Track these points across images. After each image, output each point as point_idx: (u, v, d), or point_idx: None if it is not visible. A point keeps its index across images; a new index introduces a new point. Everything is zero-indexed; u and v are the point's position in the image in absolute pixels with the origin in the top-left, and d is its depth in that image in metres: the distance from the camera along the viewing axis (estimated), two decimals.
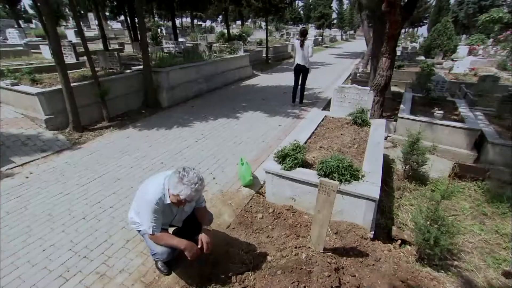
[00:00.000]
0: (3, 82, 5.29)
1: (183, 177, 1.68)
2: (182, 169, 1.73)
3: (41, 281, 2.15)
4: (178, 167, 1.76)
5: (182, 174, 1.69)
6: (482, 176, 3.73)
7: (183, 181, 1.68)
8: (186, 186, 1.68)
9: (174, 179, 1.69)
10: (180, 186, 1.68)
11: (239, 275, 2.17)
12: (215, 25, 38.92)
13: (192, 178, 1.70)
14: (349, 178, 2.57)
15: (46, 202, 3.08)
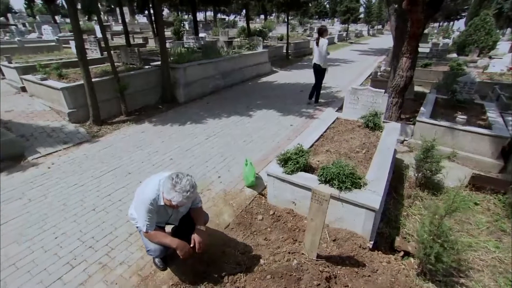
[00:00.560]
0: (35, 76, 5.70)
1: (175, 184, 1.74)
2: (176, 175, 1.77)
3: (51, 266, 2.34)
4: (172, 173, 1.80)
5: (175, 181, 1.75)
6: (502, 189, 3.47)
7: (175, 188, 1.73)
8: (178, 194, 1.73)
9: (168, 185, 1.75)
10: (172, 193, 1.74)
11: (231, 275, 2.22)
12: (239, 19, 38.85)
13: (184, 186, 1.74)
14: (349, 186, 2.50)
15: (63, 192, 3.32)
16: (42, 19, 20.77)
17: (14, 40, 9.80)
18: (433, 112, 5.31)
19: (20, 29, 12.97)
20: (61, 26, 20.00)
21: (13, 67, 6.45)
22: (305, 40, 16.12)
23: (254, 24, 31.22)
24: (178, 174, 1.79)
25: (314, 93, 6.79)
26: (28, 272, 2.31)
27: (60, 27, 17.85)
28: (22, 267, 2.36)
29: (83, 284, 2.18)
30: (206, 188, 3.41)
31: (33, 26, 16.68)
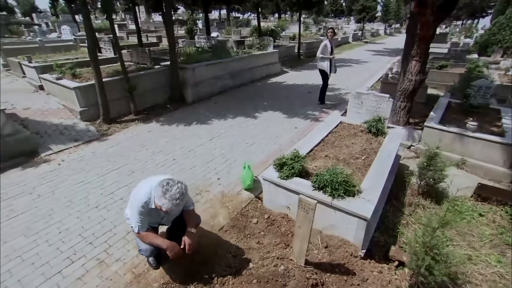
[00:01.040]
0: (51, 76, 5.98)
1: (166, 192, 1.80)
2: (166, 183, 1.83)
3: (53, 260, 2.48)
4: (163, 180, 1.86)
5: (165, 189, 1.81)
6: (510, 200, 3.33)
7: (165, 195, 1.80)
8: (168, 201, 1.80)
9: (158, 192, 1.82)
10: (162, 200, 1.81)
11: (221, 277, 2.27)
12: (253, 18, 38.82)
13: (174, 194, 1.81)
14: (342, 194, 2.49)
15: (70, 189, 3.49)
16: (64, 18, 21.56)
17: (35, 40, 10.28)
18: (444, 117, 5.16)
19: (42, 29, 13.58)
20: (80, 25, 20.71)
21: (33, 67, 6.79)
22: (318, 39, 15.90)
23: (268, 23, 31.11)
24: (168, 182, 1.84)
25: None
26: (32, 264, 2.46)
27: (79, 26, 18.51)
28: (27, 259, 2.51)
29: (81, 279, 2.30)
30: (205, 189, 3.49)
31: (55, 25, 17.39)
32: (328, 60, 6.16)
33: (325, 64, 6.23)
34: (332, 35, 6.06)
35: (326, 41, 6.10)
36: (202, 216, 2.99)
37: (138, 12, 26.83)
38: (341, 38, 19.87)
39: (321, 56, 6.20)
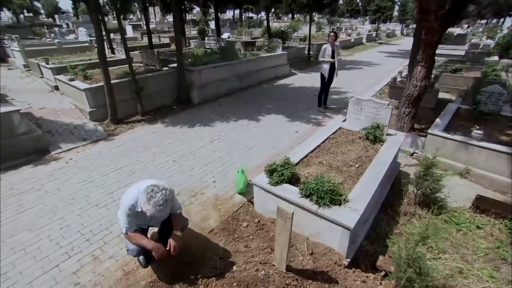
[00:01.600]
0: (65, 77, 6.29)
1: (150, 199, 1.91)
2: (151, 189, 1.93)
3: (52, 254, 2.66)
4: (149, 186, 1.96)
5: (150, 195, 1.91)
6: (509, 214, 3.24)
7: (149, 202, 1.91)
8: (152, 207, 1.91)
9: (143, 197, 1.93)
10: (147, 205, 1.92)
11: (205, 278, 2.37)
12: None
13: (157, 200, 1.91)
14: (328, 203, 2.52)
15: (74, 187, 3.69)
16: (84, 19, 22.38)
17: (54, 42, 10.78)
18: (450, 124, 5.04)
19: (61, 30, 14.22)
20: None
21: (49, 68, 7.15)
22: None
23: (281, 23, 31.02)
24: (153, 189, 1.94)
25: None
26: (33, 257, 2.65)
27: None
28: (30, 252, 2.70)
29: (75, 273, 2.46)
30: (200, 192, 3.59)
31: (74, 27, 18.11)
32: (328, 63, 6.12)
33: (324, 67, 6.21)
34: (334, 39, 6.01)
35: (327, 45, 6.08)
36: (194, 218, 3.11)
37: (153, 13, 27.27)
38: (354, 39, 19.56)
39: (321, 60, 6.18)
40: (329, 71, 6.21)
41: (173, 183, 3.77)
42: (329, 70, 6.19)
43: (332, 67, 6.19)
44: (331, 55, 6.07)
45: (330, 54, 6.06)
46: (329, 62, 6.08)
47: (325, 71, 6.21)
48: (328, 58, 6.08)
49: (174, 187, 3.62)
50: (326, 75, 6.25)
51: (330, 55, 6.07)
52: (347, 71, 11.47)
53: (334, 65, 6.18)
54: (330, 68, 6.18)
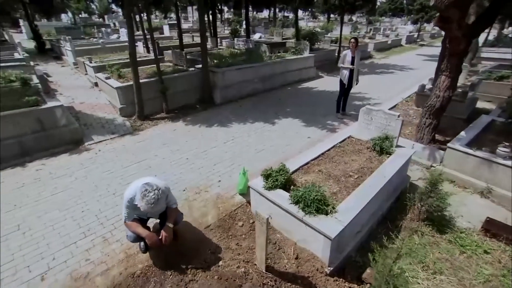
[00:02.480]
0: (103, 75, 7.00)
1: (143, 197, 2.20)
2: (145, 189, 2.22)
3: (73, 232, 3.11)
4: (143, 185, 2.25)
5: (143, 194, 2.21)
6: None
7: (143, 199, 2.20)
8: (144, 204, 2.20)
9: (138, 195, 2.23)
10: (140, 202, 2.21)
11: (194, 269, 2.61)
12: (304, 17, 38.25)
13: (149, 199, 2.19)
14: (313, 211, 2.61)
15: (98, 176, 4.19)
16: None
17: (99, 42, 11.93)
18: (477, 138, 4.73)
19: (107, 31, 15.61)
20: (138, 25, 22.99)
21: (91, 66, 8.00)
22: (362, 43, 15.17)
23: (317, 23, 30.44)
24: (147, 188, 2.23)
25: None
26: (58, 233, 3.12)
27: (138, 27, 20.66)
28: (56, 229, 3.18)
29: (87, 250, 2.86)
30: (204, 189, 3.86)
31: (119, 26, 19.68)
32: (347, 70, 6.03)
33: (343, 74, 6.13)
34: (355, 45, 5.90)
35: (347, 51, 5.99)
36: (194, 213, 3.38)
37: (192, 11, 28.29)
38: (391, 40, 18.57)
39: (341, 66, 6.11)
40: (349, 78, 6.12)
41: (182, 179, 4.09)
42: (348, 77, 6.10)
43: (351, 74, 6.09)
44: (351, 61, 5.98)
45: (349, 60, 5.98)
46: (348, 68, 6.00)
47: (344, 78, 6.14)
48: (348, 64, 5.99)
49: (182, 183, 3.96)
50: (346, 82, 6.17)
51: (350, 61, 5.98)
52: (376, 76, 11.04)
53: (352, 72, 6.06)
54: (350, 74, 6.08)
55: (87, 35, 15.80)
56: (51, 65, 11.22)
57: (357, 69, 6.10)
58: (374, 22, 34.08)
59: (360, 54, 6.19)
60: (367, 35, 19.48)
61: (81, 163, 4.55)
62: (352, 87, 6.35)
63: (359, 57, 6.16)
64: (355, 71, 6.06)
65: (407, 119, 6.32)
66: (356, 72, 6.11)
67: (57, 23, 21.89)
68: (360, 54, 6.19)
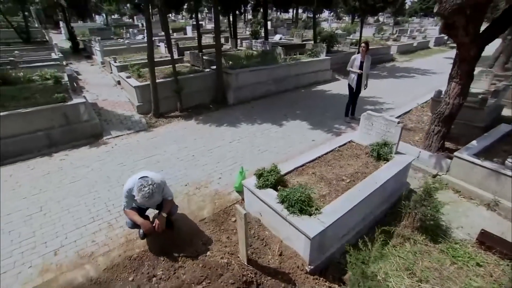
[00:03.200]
0: (124, 74, 7.51)
1: (139, 191, 2.48)
2: (141, 183, 2.50)
3: (84, 217, 3.48)
4: (140, 180, 2.53)
5: (139, 188, 2.48)
6: None
7: (139, 193, 2.48)
8: (140, 198, 2.48)
9: (135, 188, 2.50)
10: (137, 195, 2.50)
11: (185, 257, 2.85)
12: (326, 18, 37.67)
13: (144, 193, 2.47)
14: (297, 211, 2.74)
15: (111, 168, 4.58)
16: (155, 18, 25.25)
17: (125, 42, 12.69)
18: (491, 148, 4.58)
19: (134, 31, 16.51)
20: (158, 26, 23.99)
21: (115, 65, 8.59)
22: (384, 45, 14.74)
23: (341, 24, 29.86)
24: (143, 183, 2.50)
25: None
26: (72, 216, 3.51)
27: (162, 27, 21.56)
28: (71, 213, 3.58)
29: (94, 233, 3.21)
30: (204, 185, 4.11)
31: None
32: (355, 74, 6.00)
33: (351, 78, 6.13)
34: (365, 50, 5.86)
35: (357, 55, 5.98)
36: (192, 207, 3.63)
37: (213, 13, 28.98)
38: (418, 43, 17.82)
39: (349, 70, 6.10)
40: (357, 82, 6.10)
41: (186, 175, 4.37)
42: (356, 81, 6.08)
43: (359, 78, 6.06)
44: (359, 66, 5.95)
45: (358, 65, 5.96)
46: (356, 73, 5.97)
47: (352, 82, 6.13)
48: (356, 69, 5.97)
49: (185, 179, 4.24)
50: (354, 86, 6.15)
51: (358, 66, 5.96)
52: (395, 80, 10.73)
53: (361, 76, 6.03)
54: (358, 79, 6.06)
55: (116, 35, 16.81)
56: (82, 64, 12.14)
57: (366, 74, 6.06)
58: (402, 23, 32.73)
59: (370, 59, 6.11)
60: (391, 37, 18.82)
61: (98, 156, 4.99)
62: (360, 91, 6.32)
63: (370, 62, 6.10)
64: (364, 75, 6.02)
65: (419, 126, 6.17)
66: (365, 77, 6.07)
67: (91, 24, 23.44)
68: (370, 58, 6.11)
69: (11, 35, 14.95)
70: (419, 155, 5.00)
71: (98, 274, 2.69)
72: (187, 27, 19.10)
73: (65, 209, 3.65)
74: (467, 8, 3.26)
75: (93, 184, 4.15)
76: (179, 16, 39.25)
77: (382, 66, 13.51)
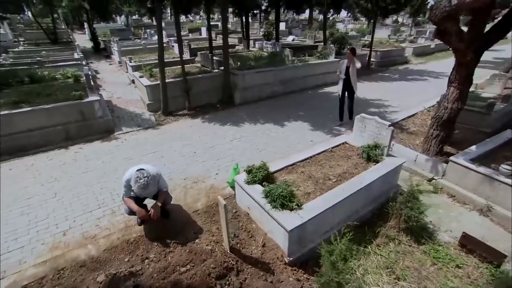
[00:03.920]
0: (138, 73, 7.97)
1: (136, 182, 2.77)
2: (137, 175, 2.79)
3: (91, 204, 3.85)
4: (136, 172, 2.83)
5: (135, 180, 2.78)
6: (495, 260, 2.96)
7: (135, 184, 2.77)
8: (137, 188, 2.78)
9: (133, 179, 2.79)
10: (134, 186, 2.79)
11: (175, 244, 3.12)
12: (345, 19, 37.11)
13: (140, 184, 2.76)
14: (278, 206, 2.93)
15: (119, 161, 4.96)
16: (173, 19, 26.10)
17: (141, 43, 13.29)
18: (491, 154, 4.56)
19: (150, 32, 17.17)
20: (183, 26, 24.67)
21: (131, 65, 9.09)
22: (398, 47, 14.48)
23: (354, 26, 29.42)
24: (139, 175, 2.79)
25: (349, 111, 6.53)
26: (81, 202, 3.89)
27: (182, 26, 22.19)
28: (80, 200, 3.96)
29: (99, 219, 3.56)
30: (202, 180, 4.38)
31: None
32: (341, 80, 5.97)
33: (339, 83, 6.10)
34: (350, 55, 5.73)
35: (346, 60, 5.92)
36: (187, 199, 3.91)
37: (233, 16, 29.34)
38: (435, 44, 17.30)
39: (338, 74, 6.09)
40: (343, 87, 6.07)
41: (186, 170, 4.67)
42: (343, 86, 6.05)
43: (346, 83, 5.99)
44: (345, 71, 5.87)
45: (343, 70, 5.88)
46: (342, 78, 5.96)
47: (338, 87, 6.16)
48: (341, 74, 5.93)
49: (185, 173, 4.53)
50: (339, 91, 6.16)
51: (344, 70, 5.88)
52: (406, 83, 10.58)
53: (349, 81, 5.93)
54: (344, 83, 6.00)
55: (135, 35, 17.58)
56: (101, 63, 12.88)
57: (353, 80, 5.91)
58: (423, 24, 31.72)
59: (358, 65, 5.83)
60: (408, 38, 18.39)
61: (109, 149, 5.40)
62: (353, 96, 6.24)
63: (356, 67, 5.84)
64: (352, 81, 5.91)
65: (423, 129, 6.14)
66: (353, 83, 5.94)
67: (113, 25, 24.56)
68: (359, 64, 5.83)
69: (41, 36, 16.08)
70: (416, 158, 5.04)
71: (98, 254, 3.01)
72: (202, 28, 19.58)
73: (76, 196, 4.05)
74: (457, 15, 3.31)
75: (102, 175, 4.53)
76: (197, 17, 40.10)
77: (394, 68, 13.31)
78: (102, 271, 2.78)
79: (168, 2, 7.06)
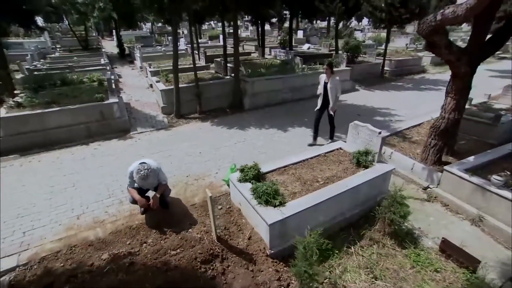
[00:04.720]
0: (155, 78, 8.59)
1: (137, 173, 3.18)
2: (138, 168, 3.21)
3: (103, 193, 4.34)
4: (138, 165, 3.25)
5: (137, 172, 3.19)
6: (470, 265, 3.05)
7: (136, 175, 3.19)
8: (138, 178, 3.19)
9: (134, 171, 3.20)
10: (135, 176, 3.20)
11: (171, 232, 3.48)
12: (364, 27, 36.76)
13: (141, 175, 3.17)
14: (263, 202, 3.21)
15: (132, 158, 5.45)
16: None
17: (161, 50, 14.14)
18: (490, 165, 4.58)
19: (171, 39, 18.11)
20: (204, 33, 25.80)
21: (150, 70, 9.79)
22: (413, 57, 14.28)
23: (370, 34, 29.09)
24: (140, 168, 3.20)
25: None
26: (95, 192, 4.39)
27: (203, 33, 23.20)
28: (94, 190, 4.46)
29: (108, 207, 4.02)
30: (202, 177, 4.75)
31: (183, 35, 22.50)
32: (321, 96, 5.72)
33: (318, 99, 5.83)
34: (327, 71, 5.49)
35: (324, 75, 5.64)
36: (187, 194, 4.29)
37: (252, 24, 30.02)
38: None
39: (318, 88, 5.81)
40: (321, 104, 5.78)
41: (190, 168, 5.07)
42: (322, 101, 5.75)
43: (325, 100, 5.70)
44: (323, 86, 5.59)
45: (321, 86, 5.63)
46: (320, 94, 5.73)
47: (318, 102, 5.87)
48: (320, 89, 5.70)
49: (188, 171, 4.93)
50: (318, 106, 5.88)
51: (322, 86, 5.62)
52: (418, 92, 10.48)
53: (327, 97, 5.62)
54: (323, 100, 5.72)
55: (157, 42, 18.65)
56: (125, 68, 13.84)
57: (334, 96, 5.61)
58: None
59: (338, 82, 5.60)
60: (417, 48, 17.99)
61: (123, 147, 5.94)
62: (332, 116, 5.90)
63: (335, 84, 5.54)
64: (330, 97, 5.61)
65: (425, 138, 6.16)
66: (331, 99, 5.62)
67: (138, 32, 26.12)
68: (337, 81, 5.59)
69: (74, 43, 17.57)
70: (413, 166, 5.12)
71: (105, 236, 3.44)
72: (220, 36, 20.34)
73: (91, 186, 4.56)
74: (443, 29, 3.47)
75: (115, 170, 5.04)
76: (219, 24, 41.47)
77: (410, 77, 13.15)
78: (106, 250, 3.19)
79: (184, 13, 7.62)
